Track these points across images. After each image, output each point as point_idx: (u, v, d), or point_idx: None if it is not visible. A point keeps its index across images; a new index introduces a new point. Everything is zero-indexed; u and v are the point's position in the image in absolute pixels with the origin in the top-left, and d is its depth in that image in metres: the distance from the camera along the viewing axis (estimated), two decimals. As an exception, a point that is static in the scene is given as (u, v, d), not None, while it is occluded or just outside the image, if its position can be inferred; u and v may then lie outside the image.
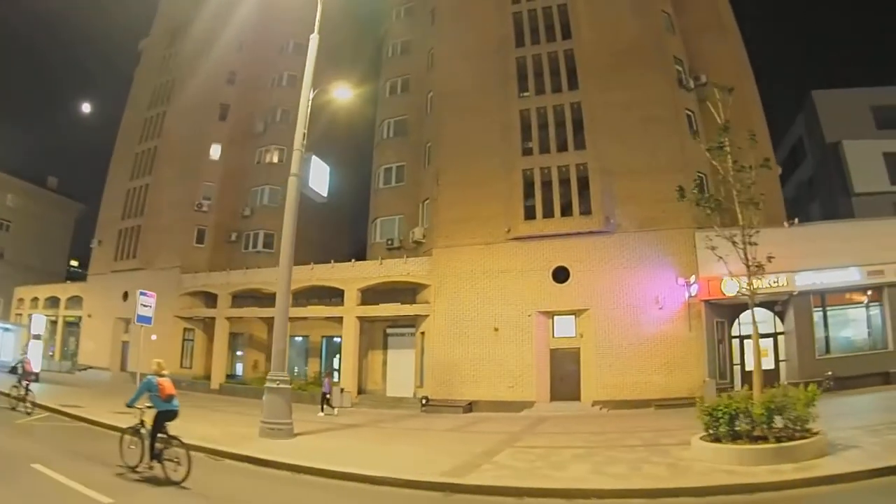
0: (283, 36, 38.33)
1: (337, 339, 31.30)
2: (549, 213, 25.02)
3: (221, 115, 36.45)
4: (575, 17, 27.76)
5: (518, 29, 28.45)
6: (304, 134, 15.37)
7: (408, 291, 27.81)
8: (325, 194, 16.84)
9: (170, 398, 8.87)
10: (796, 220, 24.14)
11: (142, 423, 8.96)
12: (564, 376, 23.90)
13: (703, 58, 27.49)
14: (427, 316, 26.04)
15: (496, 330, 24.36)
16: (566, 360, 24.08)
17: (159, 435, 8.64)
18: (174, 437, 8.61)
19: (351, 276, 28.03)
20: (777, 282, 21.59)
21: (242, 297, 31.93)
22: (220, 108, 36.58)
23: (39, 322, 27.75)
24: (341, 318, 29.23)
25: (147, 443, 8.69)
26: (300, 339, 31.19)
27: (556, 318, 24.74)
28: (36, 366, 25.88)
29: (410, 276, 26.80)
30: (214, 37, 37.81)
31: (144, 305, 17.07)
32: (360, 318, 27.85)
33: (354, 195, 39.86)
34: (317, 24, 15.64)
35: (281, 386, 13.49)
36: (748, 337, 23.26)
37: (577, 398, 23.33)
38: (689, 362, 22.10)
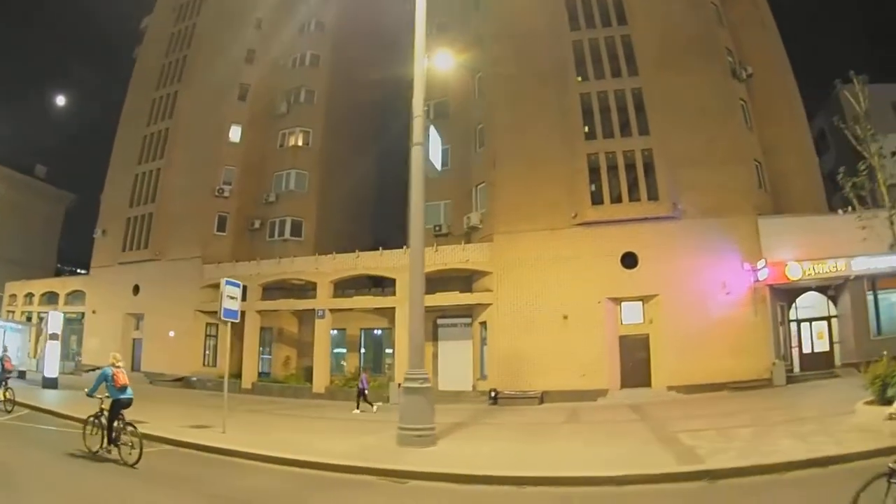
0: (304, 14, 36.48)
1: (377, 332, 29.89)
2: (616, 199, 24.72)
3: (241, 96, 34.41)
4: (629, 3, 27.47)
5: (572, 12, 27.91)
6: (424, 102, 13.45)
7: (460, 280, 26.59)
8: (439, 167, 15.33)
9: (123, 388, 9.55)
10: (850, 208, 24.27)
11: (101, 411, 9.73)
12: (634, 363, 23.65)
13: (747, 51, 27.96)
14: (489, 305, 24.99)
15: (565, 318, 23.74)
16: (635, 347, 23.83)
17: (116, 422, 9.36)
18: (129, 424, 9.30)
19: (403, 264, 26.24)
20: (836, 266, 22.35)
21: (269, 290, 30.04)
22: (240, 87, 34.54)
23: (56, 320, 25.23)
24: (383, 309, 28.00)
25: (106, 429, 9.41)
26: (335, 332, 29.34)
27: (623, 304, 24.43)
28: (52, 370, 23.55)
29: (470, 263, 25.72)
30: (229, 13, 35.95)
31: (231, 297, 13.57)
32: (415, 308, 25.94)
33: (377, 182, 38.37)
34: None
35: (423, 385, 11.67)
36: (805, 320, 24.91)
37: (648, 384, 23.19)
38: (755, 346, 22.38)
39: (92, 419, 9.95)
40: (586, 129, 25.95)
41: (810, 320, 24.73)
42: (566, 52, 27.12)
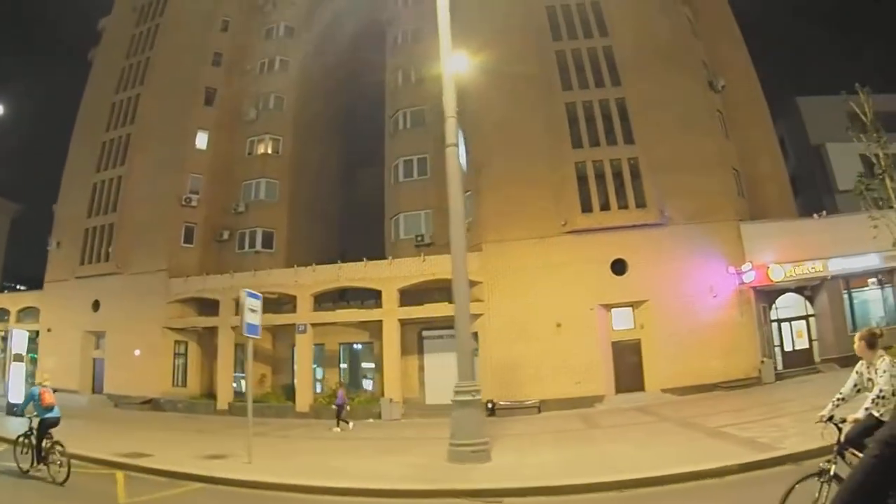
0: (272, 18, 35.57)
1: (357, 347, 29.08)
2: (605, 206, 25.14)
3: (207, 100, 33.07)
4: (608, 15, 28.15)
5: (553, 22, 28.25)
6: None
7: (446, 290, 25.69)
8: (464, 168, 15.08)
9: (50, 407, 9.77)
10: (824, 213, 25.74)
11: (31, 430, 9.86)
12: (627, 368, 24.11)
13: (718, 64, 29.15)
14: (480, 315, 24.53)
15: (559, 325, 23.88)
16: (627, 352, 24.34)
17: (45, 441, 9.54)
18: (57, 443, 9.46)
19: (388, 274, 25.98)
20: (814, 267, 23.68)
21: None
22: (206, 91, 33.15)
23: (21, 339, 23.42)
24: (364, 322, 27.46)
25: (35, 448, 9.60)
26: (314, 347, 28.28)
27: (614, 310, 24.86)
28: (17, 395, 21.82)
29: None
30: (195, 14, 34.70)
31: (252, 310, 12.04)
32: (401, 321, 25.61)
33: (345, 192, 37.72)
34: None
35: (475, 398, 11.37)
36: (785, 320, 26.20)
37: (642, 388, 23.64)
38: (742, 346, 23.36)
39: (22, 438, 10.11)
40: (572, 138, 26.22)
41: (790, 320, 26.00)
42: (549, 62, 27.42)
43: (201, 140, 32.30)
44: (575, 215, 24.86)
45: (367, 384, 28.88)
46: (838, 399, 5.19)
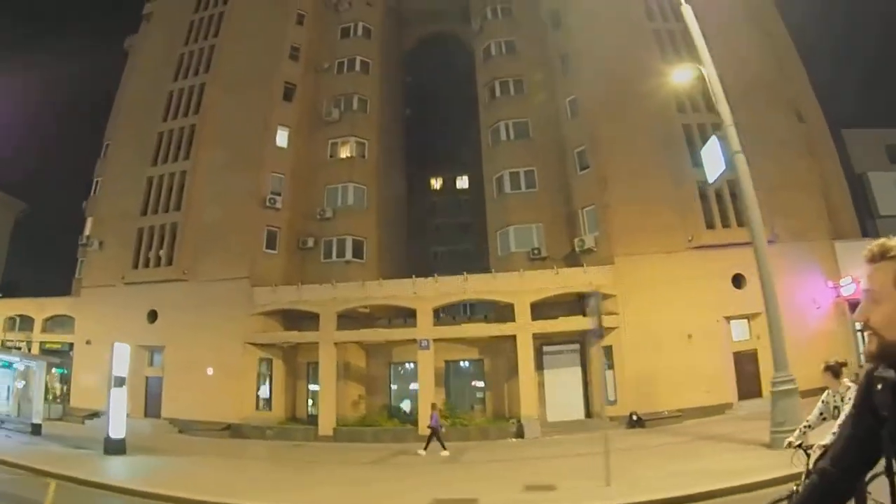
0: (347, 16, 34.53)
1: (464, 364, 27.67)
2: (726, 224, 26.62)
3: (286, 95, 31.69)
4: (711, 43, 28.22)
5: (661, 45, 29.48)
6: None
7: (565, 305, 26.13)
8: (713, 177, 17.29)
9: None
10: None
11: None
12: (746, 376, 25.21)
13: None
14: (614, 328, 24.74)
15: (689, 337, 24.74)
16: (745, 361, 25.47)
17: None
18: None
19: (519, 288, 25.48)
20: None
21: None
22: (285, 86, 31.34)
23: (123, 356, 20.49)
24: (473, 339, 26.95)
25: None
26: (411, 365, 26.95)
27: (732, 322, 26.20)
28: (119, 427, 18.88)
29: (591, 285, 24.45)
30: (263, 4, 32.91)
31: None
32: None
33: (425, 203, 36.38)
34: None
35: (793, 386, 13.19)
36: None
37: (760, 395, 24.10)
38: (843, 353, 23.57)
39: None
40: (692, 157, 26.77)
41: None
42: (659, 83, 27.78)
43: (281, 138, 30.76)
44: (700, 232, 26.22)
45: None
46: (805, 426, 5.82)
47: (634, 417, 23.27)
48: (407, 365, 27.98)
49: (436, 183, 44.64)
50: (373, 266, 29.75)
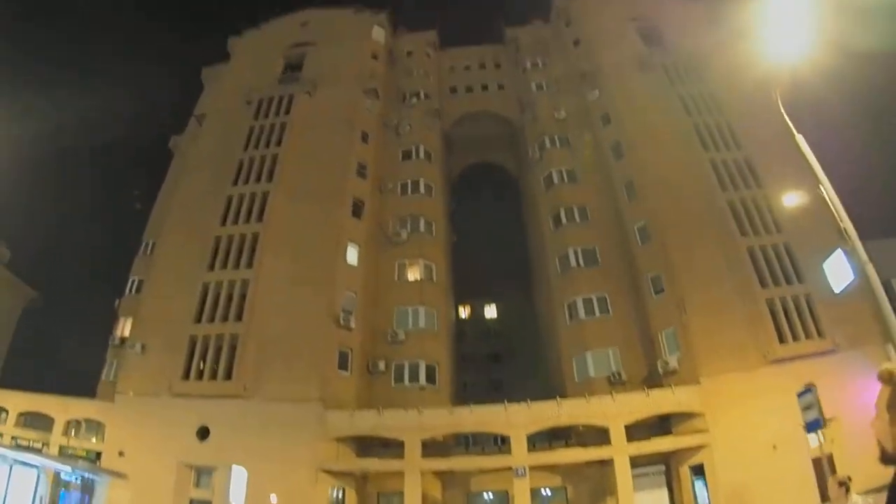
0: (408, 139, 36.37)
1: (546, 493, 27.64)
2: (795, 337, 27.99)
3: (355, 212, 31.93)
4: (761, 168, 32.34)
5: (719, 174, 32.26)
6: None
7: (646, 427, 26.59)
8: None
9: None
10: None
11: None
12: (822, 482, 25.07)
13: None
14: (703, 447, 25.72)
15: (774, 447, 25.14)
16: (823, 466, 26.39)
17: None
18: None
19: (614, 410, 26.24)
20: None
21: (390, 446, 26.44)
22: (354, 202, 31.71)
23: (240, 482, 19.04)
24: (553, 465, 26.70)
25: None
26: (490, 495, 26.79)
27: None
28: None
29: (681, 405, 26.74)
30: (327, 119, 34.82)
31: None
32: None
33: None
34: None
35: None
36: None
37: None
38: None
39: None
40: (758, 277, 29.35)
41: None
42: (722, 208, 31.07)
43: (352, 255, 30.52)
44: (774, 346, 27.43)
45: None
46: None
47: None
48: (485, 495, 27.25)
49: (463, 311, 45.26)
50: (445, 391, 29.38)
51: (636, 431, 26.50)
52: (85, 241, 66.15)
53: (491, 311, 43.76)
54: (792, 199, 30.48)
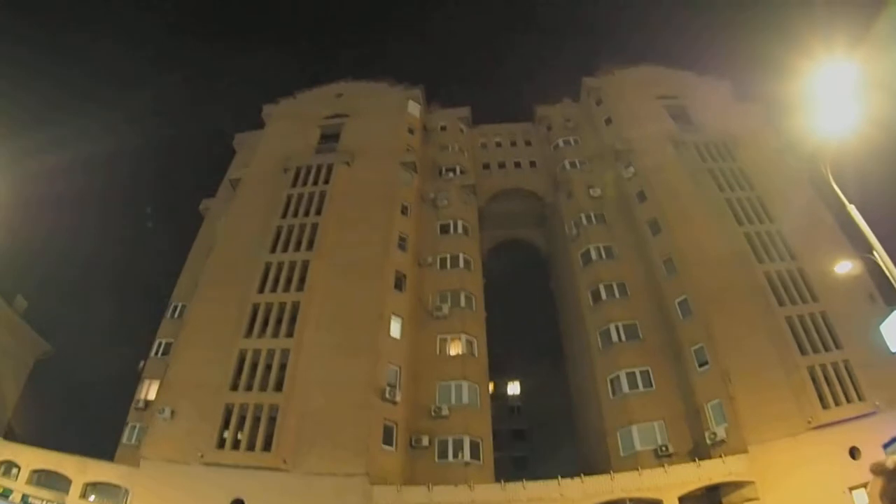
0: (446, 213, 37.16)
1: None
2: (838, 402, 28.21)
3: (397, 284, 31.66)
4: (792, 241, 33.56)
5: (755, 247, 33.09)
6: None
7: (692, 499, 26.19)
8: None
9: None
10: None
11: None
12: None
13: None
14: None
15: None
16: None
17: None
18: None
19: (665, 482, 25.99)
20: None
21: None
22: (396, 275, 31.67)
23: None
24: None
25: None
26: None
27: (854, 491, 25.81)
28: None
29: (732, 475, 26.57)
30: (366, 189, 35.13)
31: None
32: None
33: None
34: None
35: None
36: None
37: None
38: None
39: None
40: (798, 345, 29.77)
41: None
42: (759, 280, 31.77)
43: (395, 328, 30.15)
44: (817, 412, 27.61)
45: None
46: None
47: None
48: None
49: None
50: (488, 468, 28.46)
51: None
52: (107, 300, 65.50)
53: (514, 388, 43.06)
54: (828, 270, 31.26)
